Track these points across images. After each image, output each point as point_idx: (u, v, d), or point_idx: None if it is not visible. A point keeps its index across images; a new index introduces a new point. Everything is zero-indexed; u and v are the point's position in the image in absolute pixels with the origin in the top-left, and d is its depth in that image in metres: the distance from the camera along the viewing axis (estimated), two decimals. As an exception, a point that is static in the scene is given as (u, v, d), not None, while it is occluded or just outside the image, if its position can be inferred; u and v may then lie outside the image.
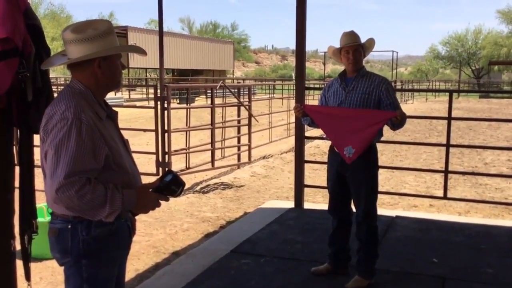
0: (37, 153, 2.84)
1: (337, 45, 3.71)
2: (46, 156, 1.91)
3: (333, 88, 3.80)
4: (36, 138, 2.46)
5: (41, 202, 5.15)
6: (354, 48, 3.62)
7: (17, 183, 2.42)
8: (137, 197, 2.00)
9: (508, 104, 32.19)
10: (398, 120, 3.47)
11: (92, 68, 1.99)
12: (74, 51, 1.96)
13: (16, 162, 2.48)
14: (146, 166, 8.77)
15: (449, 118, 5.71)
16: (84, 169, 1.86)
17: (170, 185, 2.04)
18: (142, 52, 2.22)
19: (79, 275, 1.99)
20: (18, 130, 2.42)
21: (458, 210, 6.54)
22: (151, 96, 25.65)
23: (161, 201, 2.08)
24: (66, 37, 1.96)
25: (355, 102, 3.63)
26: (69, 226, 1.96)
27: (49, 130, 1.89)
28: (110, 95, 33.72)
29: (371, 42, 3.76)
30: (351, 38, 3.64)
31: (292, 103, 11.21)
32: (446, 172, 5.82)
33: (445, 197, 5.93)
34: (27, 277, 2.45)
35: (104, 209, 1.90)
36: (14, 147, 2.46)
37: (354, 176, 3.68)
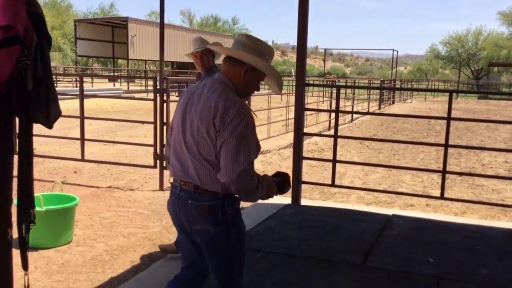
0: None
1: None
2: (222, 144, 2.23)
3: None
4: (36, 128, 2.45)
5: (38, 191, 5.14)
6: (200, 53, 4.18)
7: (15, 172, 2.41)
8: (267, 186, 2.40)
9: (507, 106, 32.25)
10: None
11: (240, 69, 2.36)
12: (237, 53, 2.35)
13: (15, 151, 2.46)
14: (144, 159, 8.76)
15: (449, 118, 5.71)
16: (253, 159, 2.29)
17: (284, 183, 2.51)
18: (278, 88, 2.56)
19: (230, 241, 2.39)
20: (18, 119, 2.41)
21: (454, 210, 6.56)
22: (150, 88, 25.50)
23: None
24: (240, 38, 2.41)
25: None
26: (219, 202, 2.33)
27: (227, 121, 2.22)
28: (109, 86, 33.64)
29: (219, 46, 4.17)
30: (197, 44, 4.19)
31: (292, 99, 11.22)
32: (443, 172, 5.83)
33: (442, 197, 5.94)
34: (25, 266, 2.44)
35: (257, 192, 2.32)
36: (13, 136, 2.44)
37: None
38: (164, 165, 7.09)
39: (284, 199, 6.20)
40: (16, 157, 2.46)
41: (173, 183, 2.47)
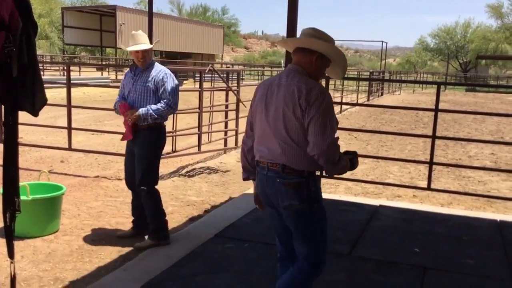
0: (31, 132, 2.79)
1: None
2: (310, 121, 2.51)
3: (127, 77, 4.45)
4: (22, 116, 2.42)
5: (24, 180, 5.09)
6: (142, 50, 4.26)
7: (0, 161, 2.38)
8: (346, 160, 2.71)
9: (494, 98, 32.55)
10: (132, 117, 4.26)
11: (311, 57, 2.66)
12: (308, 42, 2.64)
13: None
14: (131, 148, 8.70)
15: (436, 110, 5.74)
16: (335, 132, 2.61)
17: (354, 159, 2.76)
18: (342, 72, 2.81)
19: (313, 216, 2.66)
20: (3, 107, 2.38)
21: (441, 201, 6.61)
22: (139, 77, 25.19)
23: None
24: (308, 31, 2.70)
25: (139, 91, 4.31)
26: (304, 180, 2.59)
27: (312, 101, 2.51)
28: (97, 75, 33.17)
29: (156, 43, 4.56)
30: (137, 41, 4.27)
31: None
32: (430, 163, 5.88)
33: (428, 188, 5.99)
34: (11, 255, 2.43)
35: (340, 163, 2.63)
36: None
37: (136, 151, 4.37)
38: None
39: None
40: (1, 146, 2.43)
41: (260, 165, 2.73)
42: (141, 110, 4.24)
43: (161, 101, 4.28)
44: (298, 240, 2.74)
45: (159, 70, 4.35)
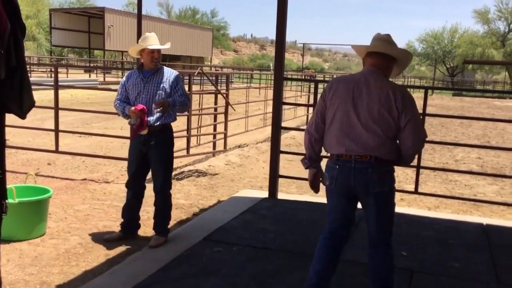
0: (18, 134, 2.76)
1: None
2: (408, 122, 2.88)
3: (132, 79, 4.45)
4: (8, 118, 2.39)
5: (11, 183, 5.04)
6: (158, 49, 4.39)
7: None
8: None
9: (480, 103, 32.90)
10: (162, 109, 4.25)
11: (389, 61, 3.03)
12: (385, 46, 3.01)
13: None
14: (120, 151, 8.67)
15: (424, 114, 5.79)
16: None
17: None
18: (400, 72, 3.22)
19: (393, 196, 3.09)
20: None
21: (428, 205, 6.66)
22: (127, 80, 25.13)
23: None
24: (385, 37, 3.06)
25: (151, 92, 4.35)
26: (391, 168, 3.02)
27: (407, 104, 2.89)
28: (85, 77, 32.96)
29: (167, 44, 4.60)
30: (150, 42, 4.35)
31: (270, 93, 11.19)
32: (417, 167, 5.91)
33: (416, 191, 6.02)
34: (-5, 259, 2.40)
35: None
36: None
37: (153, 153, 4.38)
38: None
39: (261, 193, 6.22)
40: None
41: (341, 158, 2.97)
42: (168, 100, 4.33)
43: (180, 98, 4.42)
44: (378, 221, 3.07)
45: (171, 72, 4.49)
